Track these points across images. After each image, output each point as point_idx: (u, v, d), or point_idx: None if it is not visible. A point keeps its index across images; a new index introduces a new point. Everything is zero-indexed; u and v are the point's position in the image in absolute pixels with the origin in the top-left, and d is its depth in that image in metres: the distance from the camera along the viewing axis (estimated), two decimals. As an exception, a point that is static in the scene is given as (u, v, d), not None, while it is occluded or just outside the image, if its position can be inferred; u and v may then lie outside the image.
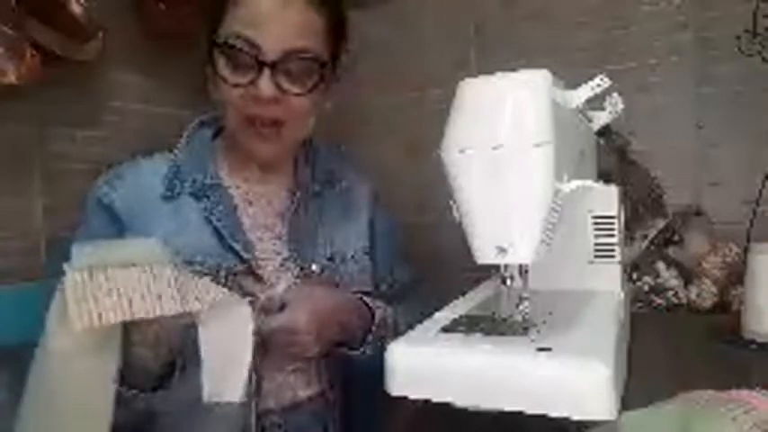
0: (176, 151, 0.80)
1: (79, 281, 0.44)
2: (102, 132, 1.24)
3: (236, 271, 0.73)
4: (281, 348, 0.68)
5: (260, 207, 0.80)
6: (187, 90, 1.08)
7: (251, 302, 0.58)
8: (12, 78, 1.07)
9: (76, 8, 1.17)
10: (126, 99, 1.21)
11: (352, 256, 0.83)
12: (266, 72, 0.69)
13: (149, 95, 1.12)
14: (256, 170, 0.82)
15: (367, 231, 0.87)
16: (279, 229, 0.79)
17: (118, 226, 0.74)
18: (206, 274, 0.68)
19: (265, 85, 0.69)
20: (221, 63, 0.72)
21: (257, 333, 0.57)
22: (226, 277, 0.71)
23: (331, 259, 0.80)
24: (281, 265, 0.77)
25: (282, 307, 0.67)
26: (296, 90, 0.72)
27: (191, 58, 0.88)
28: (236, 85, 0.71)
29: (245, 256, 0.73)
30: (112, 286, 0.45)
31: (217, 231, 0.74)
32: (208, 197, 0.76)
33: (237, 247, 0.73)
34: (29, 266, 0.87)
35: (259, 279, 0.74)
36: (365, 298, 0.79)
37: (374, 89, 1.40)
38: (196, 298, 0.50)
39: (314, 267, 0.78)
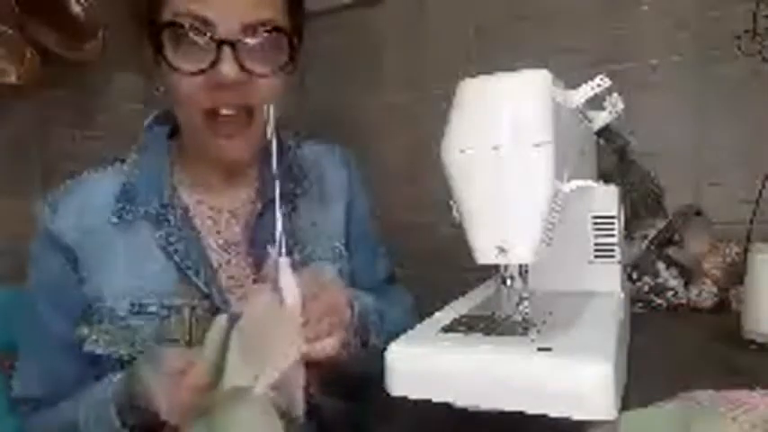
0: (129, 162, 0.72)
1: None
2: (102, 132, 1.24)
3: (202, 309, 0.66)
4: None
5: (225, 223, 0.73)
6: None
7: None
8: (12, 78, 1.08)
9: (76, 8, 1.17)
10: (126, 99, 1.21)
11: (327, 258, 0.75)
12: (227, 52, 0.60)
13: (149, 95, 1.12)
14: (220, 177, 0.74)
15: (344, 227, 0.80)
16: (246, 245, 0.72)
17: (73, 264, 0.67)
18: (165, 317, 0.65)
19: (228, 67, 0.60)
20: (170, 49, 0.61)
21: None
22: (189, 318, 0.66)
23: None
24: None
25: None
26: (263, 70, 0.63)
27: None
28: (193, 74, 0.61)
29: (210, 291, 0.66)
30: None
31: (177, 264, 0.67)
32: (166, 221, 0.68)
33: (200, 282, 0.66)
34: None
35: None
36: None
37: (374, 89, 1.40)
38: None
39: None
